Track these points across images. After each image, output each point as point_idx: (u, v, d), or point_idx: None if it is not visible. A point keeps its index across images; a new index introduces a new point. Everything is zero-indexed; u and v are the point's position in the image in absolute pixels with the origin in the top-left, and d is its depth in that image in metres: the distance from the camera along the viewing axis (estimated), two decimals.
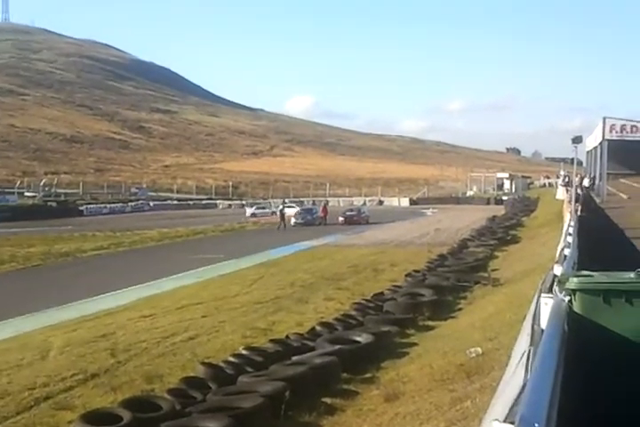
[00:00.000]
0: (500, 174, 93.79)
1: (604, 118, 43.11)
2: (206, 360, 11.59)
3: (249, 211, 52.16)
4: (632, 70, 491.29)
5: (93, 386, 10.98)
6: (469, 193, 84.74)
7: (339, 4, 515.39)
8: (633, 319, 5.01)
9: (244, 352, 11.61)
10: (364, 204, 64.29)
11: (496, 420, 2.70)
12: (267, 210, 58.50)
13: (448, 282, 18.08)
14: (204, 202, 78.37)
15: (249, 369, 10.59)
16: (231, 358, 11.23)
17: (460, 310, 15.38)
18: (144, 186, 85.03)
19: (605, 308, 5.04)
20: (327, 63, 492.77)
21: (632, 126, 42.57)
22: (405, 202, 78.10)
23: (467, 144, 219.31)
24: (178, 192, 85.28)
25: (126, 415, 8.43)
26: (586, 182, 34.35)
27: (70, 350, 13.31)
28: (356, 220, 49.60)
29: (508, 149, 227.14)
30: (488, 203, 68.66)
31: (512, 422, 2.61)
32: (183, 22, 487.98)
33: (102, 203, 69.90)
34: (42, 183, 72.48)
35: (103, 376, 11.49)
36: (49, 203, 64.21)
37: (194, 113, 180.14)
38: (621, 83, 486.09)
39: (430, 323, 14.02)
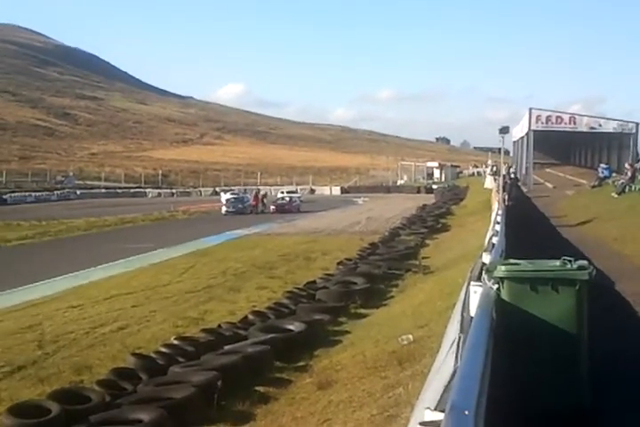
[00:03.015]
0: (429, 163, 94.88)
1: (530, 109, 44.05)
2: (137, 351, 11.47)
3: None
4: (558, 61, 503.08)
5: (20, 378, 10.77)
6: (400, 182, 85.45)
7: None
8: (559, 307, 5.15)
9: (175, 342, 11.53)
10: (297, 192, 64.09)
11: (427, 408, 2.74)
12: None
13: (380, 270, 18.23)
14: (132, 191, 77.16)
15: (180, 359, 10.51)
16: (162, 349, 11.13)
17: (391, 297, 15.53)
18: (70, 174, 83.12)
19: (532, 295, 5.17)
20: (258, 51, 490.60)
21: (557, 117, 43.62)
22: (337, 191, 78.39)
23: (397, 133, 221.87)
24: (106, 180, 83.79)
25: (55, 408, 8.27)
26: (511, 171, 35.08)
27: None
28: (287, 208, 49.56)
29: (437, 139, 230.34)
30: (418, 192, 69.39)
31: (443, 410, 2.66)
32: (110, 7, 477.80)
33: (27, 191, 68.13)
34: None
35: (30, 368, 11.27)
36: None
37: (121, 100, 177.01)
38: (548, 73, 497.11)
39: (362, 311, 14.13)
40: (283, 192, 60.18)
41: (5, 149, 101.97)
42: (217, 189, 78.27)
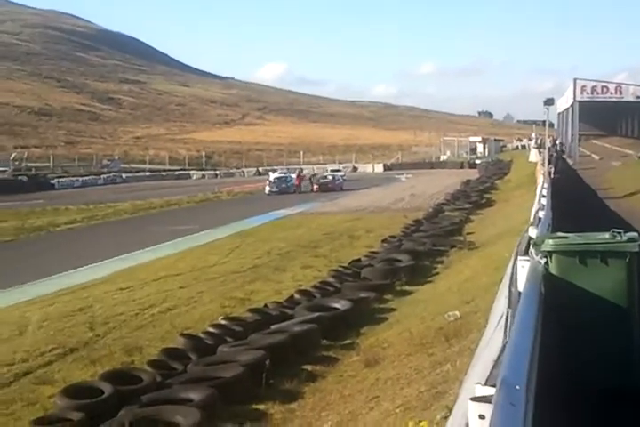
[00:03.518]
0: (472, 138, 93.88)
1: (575, 80, 43.20)
2: (185, 331, 11.60)
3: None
4: (602, 31, 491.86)
5: (73, 360, 10.97)
6: (443, 158, 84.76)
7: None
8: (608, 279, 5.06)
9: (222, 322, 11.63)
10: (340, 170, 63.96)
11: (478, 383, 2.71)
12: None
13: (424, 247, 18.15)
14: (177, 173, 77.63)
15: (229, 339, 10.61)
16: (210, 329, 11.24)
17: (436, 274, 15.47)
18: (116, 158, 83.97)
19: (581, 269, 5.08)
20: (298, 29, 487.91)
21: (602, 87, 42.75)
22: (379, 168, 77.98)
23: (439, 109, 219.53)
24: (150, 163, 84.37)
25: (107, 388, 8.42)
26: (558, 145, 34.47)
27: (48, 325, 13.26)
28: (330, 187, 49.51)
29: (480, 113, 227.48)
30: (462, 167, 68.73)
31: (493, 385, 2.62)
32: None
33: (74, 176, 68.92)
34: (12, 157, 71.33)
35: (82, 350, 11.48)
36: (19, 177, 63.17)
37: (163, 83, 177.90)
38: (592, 44, 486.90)
39: (408, 288, 14.09)
40: (326, 170, 60.27)
41: (52, 134, 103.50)
42: (260, 169, 78.45)
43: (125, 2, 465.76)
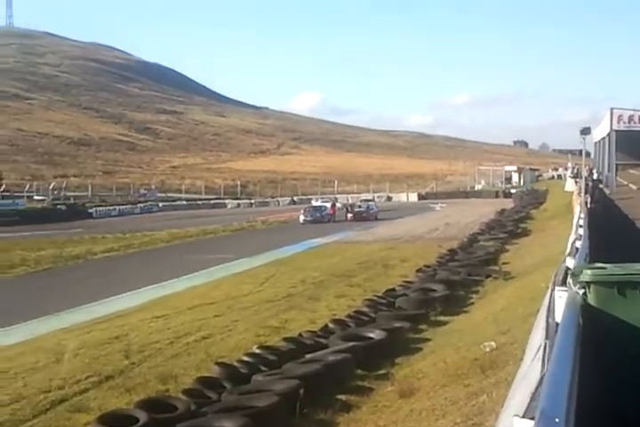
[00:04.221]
0: (507, 167, 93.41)
1: (612, 109, 42.95)
2: (220, 360, 11.61)
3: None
4: (636, 61, 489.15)
5: (108, 388, 11.01)
6: (478, 187, 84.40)
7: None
8: None
9: (257, 351, 11.62)
10: (373, 200, 64.07)
11: (516, 415, 2.69)
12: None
13: (459, 276, 18.03)
14: (212, 202, 78.25)
15: (263, 368, 10.59)
16: (245, 358, 11.24)
17: (472, 304, 15.34)
18: (153, 187, 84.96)
19: (620, 300, 5.02)
20: (332, 60, 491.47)
21: (639, 116, 42.34)
22: (414, 197, 77.88)
23: (474, 138, 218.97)
24: (186, 192, 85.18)
25: (142, 416, 8.44)
26: (594, 174, 34.07)
27: (84, 353, 13.34)
28: (364, 216, 49.51)
29: (515, 142, 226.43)
30: (497, 196, 68.42)
31: (532, 418, 2.60)
32: (186, 23, 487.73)
33: (111, 205, 69.79)
34: (51, 187, 72.53)
35: (118, 378, 11.52)
36: (58, 206, 64.07)
37: (200, 113, 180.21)
38: (627, 73, 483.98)
39: (443, 318, 13.99)
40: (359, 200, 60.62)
41: (90, 164, 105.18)
42: (295, 198, 78.81)
43: (164, 34, 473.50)
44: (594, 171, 36.50)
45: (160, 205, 73.65)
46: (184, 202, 77.88)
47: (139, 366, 12.25)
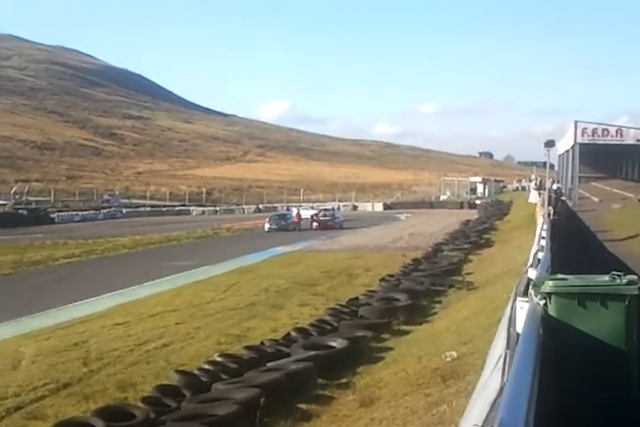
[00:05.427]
0: (473, 178, 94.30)
1: (576, 122, 43.43)
2: (181, 368, 11.49)
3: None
4: (604, 73, 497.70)
5: (66, 395, 10.85)
6: (443, 197, 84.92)
7: (312, 9, 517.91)
8: (607, 322, 5.02)
9: (218, 359, 11.53)
10: (338, 208, 64.21)
11: (476, 425, 2.67)
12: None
13: (422, 286, 18.08)
14: (177, 209, 77.83)
15: (224, 376, 10.50)
16: (206, 366, 11.14)
17: (434, 314, 15.38)
18: (117, 193, 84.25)
19: (580, 311, 5.05)
20: (302, 68, 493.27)
21: (603, 130, 42.95)
22: (379, 207, 78.17)
23: (440, 148, 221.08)
24: (151, 199, 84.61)
25: (100, 425, 8.32)
26: (555, 186, 34.36)
27: (42, 360, 13.15)
28: (330, 225, 49.54)
29: (480, 153, 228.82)
30: (462, 207, 68.88)
31: None
32: (155, 28, 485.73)
33: (74, 210, 69.01)
34: (13, 191, 71.59)
35: (76, 385, 11.36)
36: (20, 211, 63.30)
37: (167, 119, 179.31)
38: (593, 87, 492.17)
39: (405, 327, 13.99)
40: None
41: (53, 168, 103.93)
42: (260, 206, 78.69)
43: (131, 39, 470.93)
44: (554, 185, 36.76)
45: (124, 211, 73.04)
46: (148, 208, 77.35)
47: (97, 373, 12.10)
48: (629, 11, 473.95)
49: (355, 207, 79.30)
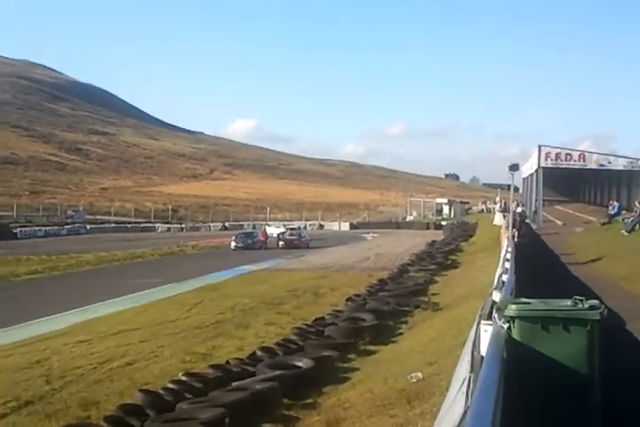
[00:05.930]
0: (439, 200, 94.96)
1: (540, 146, 44.02)
2: (144, 387, 11.41)
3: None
4: (568, 98, 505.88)
5: (27, 414, 10.72)
6: (409, 218, 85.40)
7: (279, 28, 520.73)
8: (570, 346, 5.12)
9: (183, 378, 11.47)
10: (305, 227, 64.29)
11: None
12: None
13: (388, 307, 18.15)
14: (142, 225, 77.35)
15: (188, 396, 10.44)
16: (170, 385, 11.06)
17: (400, 334, 15.44)
18: (81, 208, 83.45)
19: (543, 335, 5.15)
20: (269, 87, 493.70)
21: (566, 154, 43.56)
22: (346, 226, 78.44)
23: (407, 169, 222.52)
24: (116, 215, 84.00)
25: None
26: (519, 209, 34.71)
27: (3, 377, 12.99)
28: (296, 244, 49.56)
29: (446, 175, 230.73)
30: (428, 228, 69.36)
31: None
32: (123, 44, 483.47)
33: (37, 226, 68.26)
34: None
35: (37, 403, 11.22)
36: None
37: (132, 135, 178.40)
38: (558, 110, 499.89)
39: (371, 347, 14.04)
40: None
41: (17, 183, 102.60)
42: (226, 224, 78.46)
43: (97, 54, 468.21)
44: (519, 207, 37.13)
45: (88, 227, 72.41)
46: (113, 225, 76.74)
47: (60, 391, 11.95)
48: (592, 38, 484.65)
49: (321, 226, 79.46)
